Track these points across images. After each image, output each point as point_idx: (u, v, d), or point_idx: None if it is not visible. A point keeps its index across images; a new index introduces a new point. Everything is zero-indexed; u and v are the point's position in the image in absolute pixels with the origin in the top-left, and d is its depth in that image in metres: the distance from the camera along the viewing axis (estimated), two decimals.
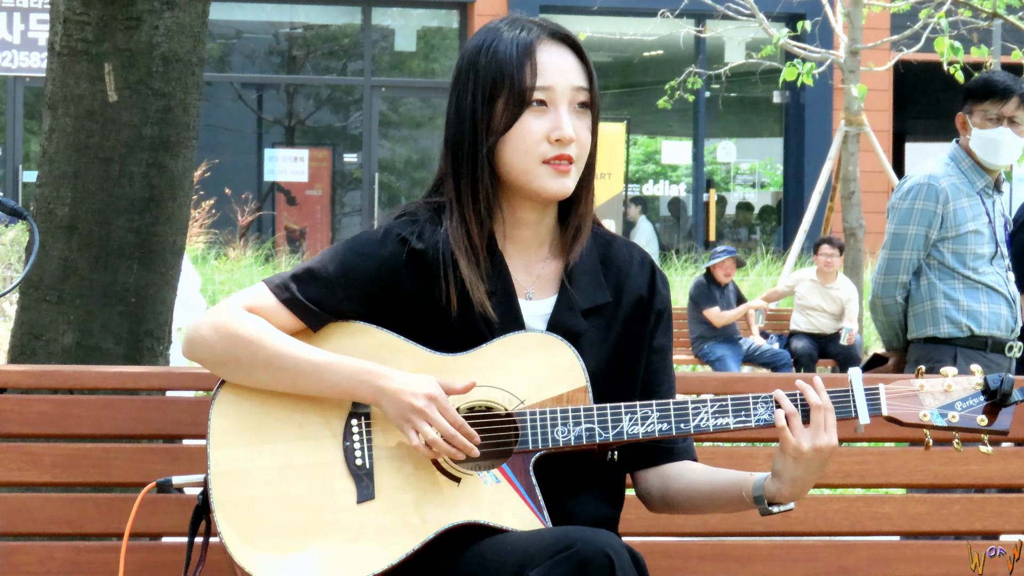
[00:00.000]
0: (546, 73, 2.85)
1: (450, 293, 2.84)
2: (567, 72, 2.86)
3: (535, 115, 2.84)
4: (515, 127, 2.84)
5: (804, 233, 13.96)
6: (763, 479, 2.86)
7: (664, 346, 2.98)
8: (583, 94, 2.87)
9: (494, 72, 2.85)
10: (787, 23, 16.70)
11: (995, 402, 2.85)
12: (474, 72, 2.87)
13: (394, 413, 2.76)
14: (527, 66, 2.84)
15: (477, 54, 2.88)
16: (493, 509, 2.76)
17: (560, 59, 2.87)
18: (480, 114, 2.85)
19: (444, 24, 22.19)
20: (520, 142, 2.84)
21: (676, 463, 2.98)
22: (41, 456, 3.18)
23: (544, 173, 2.85)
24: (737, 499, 2.89)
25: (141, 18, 4.23)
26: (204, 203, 16.94)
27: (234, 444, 2.81)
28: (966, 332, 5.76)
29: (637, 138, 22.89)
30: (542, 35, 2.88)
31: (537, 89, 2.84)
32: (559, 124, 2.84)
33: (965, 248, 5.80)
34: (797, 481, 2.82)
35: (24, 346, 4.28)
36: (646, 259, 3.01)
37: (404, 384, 2.76)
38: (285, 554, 2.73)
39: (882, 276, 5.86)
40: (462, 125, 2.87)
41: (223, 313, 2.85)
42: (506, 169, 2.87)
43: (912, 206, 5.80)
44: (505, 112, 2.84)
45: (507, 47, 2.85)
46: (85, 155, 4.24)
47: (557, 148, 2.84)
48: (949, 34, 12.43)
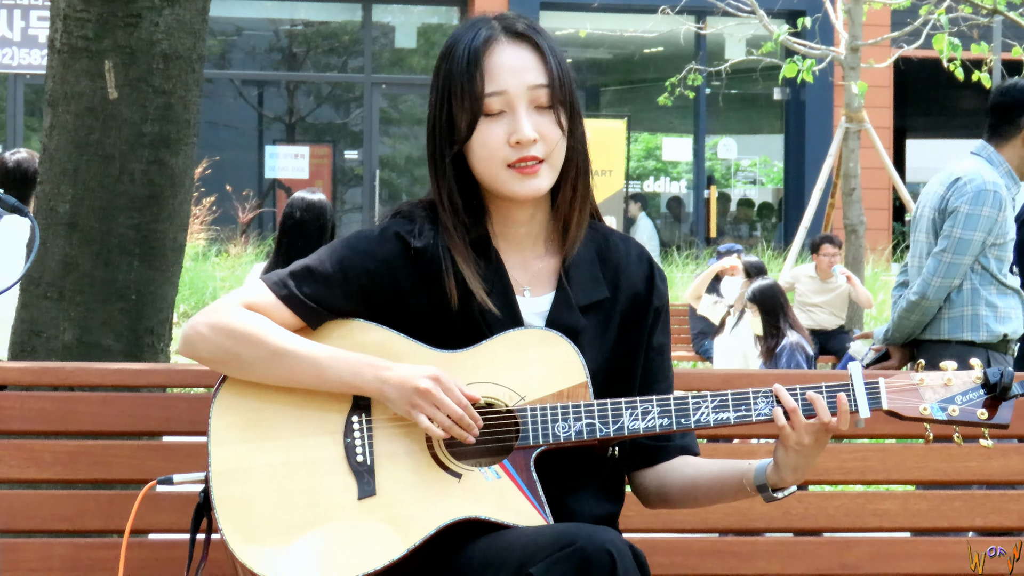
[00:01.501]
0: (496, 78, 2.83)
1: (449, 289, 2.84)
2: (521, 72, 2.84)
3: (492, 121, 2.83)
4: (475, 135, 2.84)
5: (805, 230, 13.95)
6: (764, 467, 2.86)
7: (663, 344, 2.98)
8: (542, 91, 2.84)
9: (449, 82, 2.85)
10: (787, 20, 16.69)
11: (995, 396, 2.85)
12: (437, 81, 2.88)
13: (399, 399, 2.76)
14: (476, 74, 2.82)
15: (441, 62, 2.88)
16: (494, 505, 2.76)
17: (514, 59, 2.84)
18: (442, 123, 2.86)
19: (444, 21, 22.19)
20: (481, 149, 2.84)
21: (672, 460, 2.98)
22: (41, 453, 3.18)
23: (510, 177, 2.84)
24: (738, 488, 2.90)
25: (141, 15, 4.23)
26: (205, 200, 16.95)
27: (235, 442, 2.81)
28: (1000, 337, 5.79)
29: (638, 135, 22.88)
30: (496, 36, 2.85)
31: (489, 96, 2.82)
32: (517, 127, 2.82)
33: (1004, 255, 5.85)
34: (799, 469, 2.83)
35: (24, 343, 4.28)
36: (644, 254, 3.00)
37: (407, 372, 2.76)
38: (287, 551, 2.73)
39: (939, 279, 5.81)
40: (433, 133, 2.88)
41: (221, 311, 2.85)
42: (477, 174, 2.87)
43: (980, 212, 5.77)
44: (463, 121, 2.84)
45: (460, 54, 2.84)
46: (86, 152, 4.24)
47: (519, 151, 2.83)
48: (949, 30, 12.42)
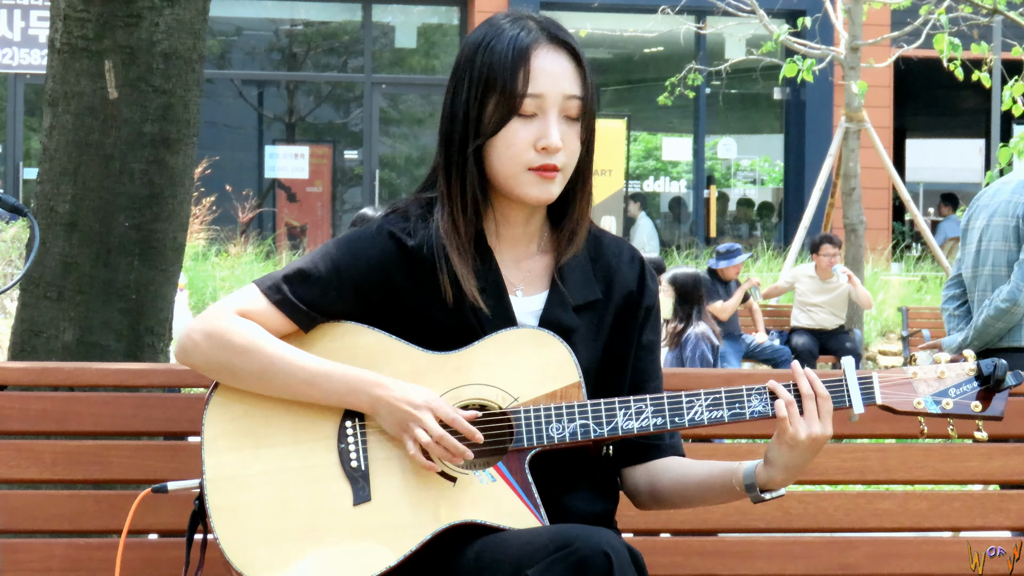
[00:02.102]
0: (538, 80, 2.82)
1: (444, 287, 2.83)
2: (560, 79, 2.83)
3: (523, 121, 2.82)
4: (503, 131, 2.82)
5: (805, 229, 13.97)
6: (753, 467, 2.86)
7: (652, 342, 2.98)
8: (575, 103, 2.84)
9: (487, 73, 2.82)
10: (787, 19, 16.69)
11: (988, 387, 2.85)
12: (470, 69, 2.85)
13: (391, 422, 2.76)
14: (520, 72, 2.81)
15: (475, 51, 2.85)
16: (490, 508, 2.75)
17: (555, 65, 2.84)
18: (471, 113, 2.84)
19: (444, 21, 22.18)
20: (507, 147, 2.83)
21: (663, 459, 2.97)
22: (41, 453, 3.18)
23: (528, 180, 2.83)
24: (728, 488, 2.89)
25: (141, 15, 4.23)
26: (205, 200, 16.94)
27: (228, 449, 2.80)
28: None
29: (637, 134, 22.87)
30: (540, 39, 2.84)
31: (528, 96, 2.81)
32: (546, 133, 2.81)
33: None
34: (790, 468, 2.82)
35: (24, 343, 4.28)
36: (635, 255, 3.00)
37: (401, 393, 2.75)
38: (283, 558, 2.73)
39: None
40: (454, 121, 2.86)
41: (215, 319, 2.83)
42: (493, 171, 2.86)
43: None
44: (495, 115, 2.82)
45: (503, 48, 2.82)
46: (86, 152, 4.25)
47: (543, 157, 2.82)
48: (949, 30, 12.42)
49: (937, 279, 17.58)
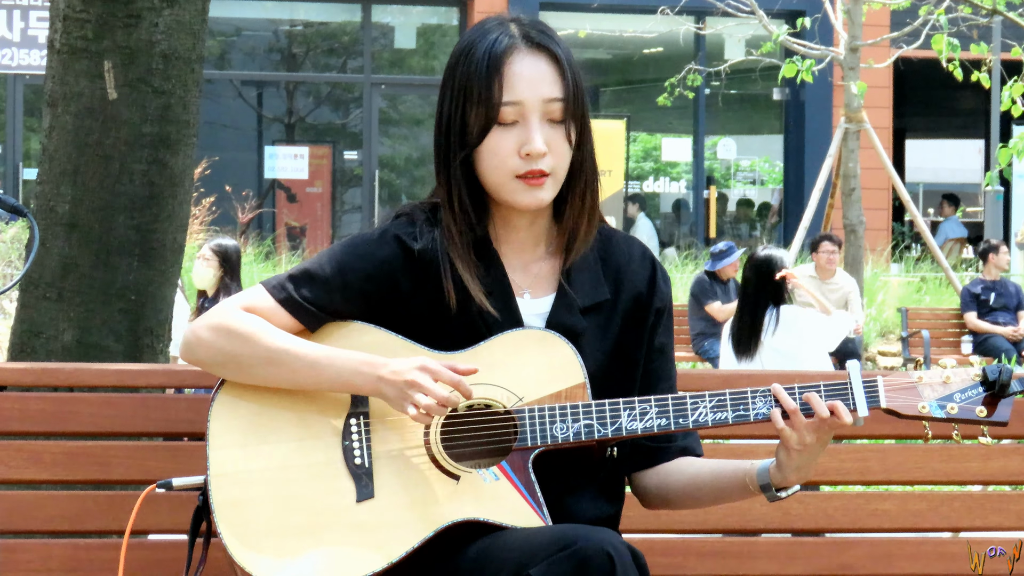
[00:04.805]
0: (514, 87, 2.80)
1: (447, 292, 2.83)
2: (538, 84, 2.81)
3: (505, 129, 2.81)
4: (486, 141, 2.82)
5: (804, 230, 13.95)
6: (766, 467, 2.85)
7: (665, 344, 2.97)
8: (556, 105, 2.82)
9: (466, 83, 2.82)
10: (787, 20, 16.69)
11: (994, 393, 2.83)
12: (452, 80, 2.85)
13: (393, 394, 2.76)
14: (495, 80, 2.80)
15: (457, 59, 2.85)
16: (492, 506, 2.75)
17: (531, 70, 2.82)
18: (455, 124, 2.84)
19: (444, 21, 22.18)
20: (492, 156, 2.82)
21: (672, 461, 2.97)
22: (41, 454, 3.18)
23: (517, 187, 2.83)
24: (741, 488, 2.89)
25: (141, 15, 4.23)
26: (204, 200, 16.93)
27: (233, 445, 2.81)
28: None
29: (637, 135, 22.88)
30: (516, 44, 2.82)
31: (505, 104, 2.80)
32: (529, 139, 2.80)
33: None
34: (802, 468, 2.82)
35: (24, 344, 4.28)
36: (647, 254, 2.99)
37: (399, 364, 2.76)
38: (286, 554, 2.73)
39: None
40: (442, 131, 2.86)
41: (221, 314, 2.86)
42: (483, 179, 2.86)
43: None
44: (476, 125, 2.82)
45: (480, 57, 2.81)
46: (85, 153, 4.25)
47: (528, 163, 2.81)
48: (949, 31, 12.42)
49: (937, 280, 17.57)
